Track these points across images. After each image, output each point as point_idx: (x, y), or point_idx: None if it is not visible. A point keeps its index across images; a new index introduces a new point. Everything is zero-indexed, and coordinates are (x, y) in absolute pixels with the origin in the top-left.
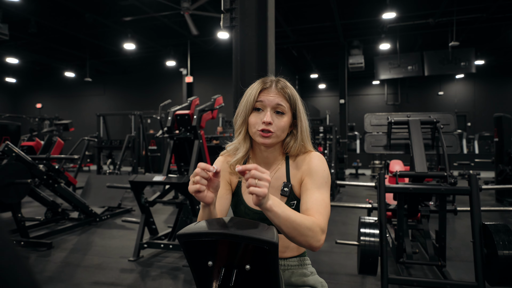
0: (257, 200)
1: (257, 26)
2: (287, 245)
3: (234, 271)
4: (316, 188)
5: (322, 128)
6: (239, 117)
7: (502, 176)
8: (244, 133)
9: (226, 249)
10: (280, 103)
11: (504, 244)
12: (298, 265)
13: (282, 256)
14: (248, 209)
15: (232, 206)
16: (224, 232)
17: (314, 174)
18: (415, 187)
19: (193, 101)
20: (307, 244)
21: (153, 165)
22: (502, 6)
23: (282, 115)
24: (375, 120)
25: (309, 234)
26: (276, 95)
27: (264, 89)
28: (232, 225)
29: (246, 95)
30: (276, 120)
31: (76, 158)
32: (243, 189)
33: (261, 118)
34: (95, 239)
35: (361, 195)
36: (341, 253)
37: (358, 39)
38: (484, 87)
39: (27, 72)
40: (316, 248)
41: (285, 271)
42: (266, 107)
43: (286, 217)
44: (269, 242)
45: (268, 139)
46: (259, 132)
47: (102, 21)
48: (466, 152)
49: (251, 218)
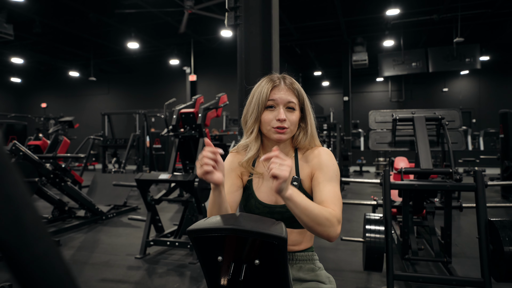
0: (278, 184)
1: (261, 24)
2: (296, 239)
3: (244, 266)
4: (328, 181)
5: (326, 126)
6: (250, 116)
7: (508, 172)
8: (256, 132)
9: (236, 244)
10: (291, 100)
11: (510, 240)
12: (306, 260)
13: (291, 250)
14: (258, 202)
15: (243, 200)
16: (234, 227)
17: (324, 168)
18: (421, 183)
19: (197, 99)
20: (325, 234)
21: (158, 163)
22: (508, 1)
23: (293, 110)
24: (380, 117)
25: (327, 224)
26: (286, 92)
27: (275, 87)
28: (241, 220)
29: (255, 94)
30: (288, 116)
31: (82, 157)
32: (255, 185)
33: (275, 116)
34: (102, 237)
35: (366, 192)
36: (347, 250)
37: (361, 36)
38: (489, 83)
39: (32, 72)
40: (333, 238)
41: (294, 265)
42: (279, 104)
43: (305, 206)
44: (278, 237)
45: (284, 134)
46: (274, 129)
47: (106, 21)
48: (471, 148)
49: (261, 212)
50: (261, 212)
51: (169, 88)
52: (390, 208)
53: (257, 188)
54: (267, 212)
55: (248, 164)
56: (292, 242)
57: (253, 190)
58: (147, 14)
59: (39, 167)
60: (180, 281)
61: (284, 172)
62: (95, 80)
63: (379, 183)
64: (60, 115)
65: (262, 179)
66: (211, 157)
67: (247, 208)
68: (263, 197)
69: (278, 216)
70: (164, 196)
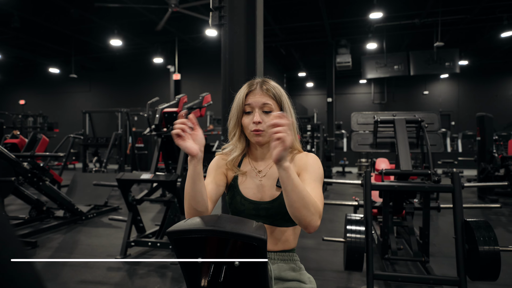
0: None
1: (246, 24)
2: (279, 237)
3: (224, 267)
4: (313, 180)
5: (310, 127)
6: (231, 120)
7: (484, 174)
8: (238, 135)
9: (216, 246)
10: (266, 102)
11: (484, 240)
12: (287, 259)
13: (273, 249)
14: (244, 199)
15: (229, 198)
16: (214, 229)
17: (310, 169)
18: (400, 184)
19: (181, 98)
20: (308, 220)
21: (140, 163)
22: (486, 8)
23: (270, 113)
24: (362, 119)
25: (311, 210)
26: (261, 95)
27: (250, 92)
28: (222, 222)
29: (235, 99)
30: (265, 119)
31: (62, 155)
32: (240, 182)
33: (252, 119)
34: (81, 237)
35: (348, 193)
36: (328, 250)
37: (345, 39)
38: (468, 87)
39: (10, 68)
40: (313, 228)
41: (274, 264)
42: (254, 108)
43: (298, 183)
44: (258, 239)
45: (262, 137)
46: (252, 133)
47: (88, 17)
48: (450, 150)
49: (246, 208)
50: (246, 208)
51: (152, 87)
52: (370, 209)
53: (242, 185)
54: (252, 209)
55: (233, 164)
56: (275, 241)
57: (238, 187)
58: (131, 11)
59: (16, 166)
60: (161, 282)
61: (290, 137)
62: (76, 77)
63: (360, 184)
64: (39, 113)
65: (247, 176)
66: (183, 122)
67: (232, 205)
68: (248, 193)
69: (263, 212)
70: (146, 196)
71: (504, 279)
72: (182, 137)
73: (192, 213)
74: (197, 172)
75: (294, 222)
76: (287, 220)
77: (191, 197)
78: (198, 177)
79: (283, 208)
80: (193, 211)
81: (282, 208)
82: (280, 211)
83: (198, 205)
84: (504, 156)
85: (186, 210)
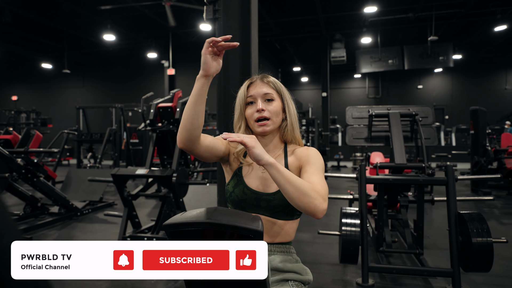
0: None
1: (240, 18)
2: (278, 230)
3: None
4: (315, 171)
5: (305, 121)
6: (235, 114)
7: (477, 167)
8: (244, 127)
9: (212, 238)
10: (267, 91)
11: (477, 232)
12: (285, 251)
13: (272, 241)
14: (247, 188)
15: (232, 186)
16: (210, 221)
17: (312, 161)
18: (395, 178)
19: (175, 93)
20: (312, 206)
21: (135, 158)
22: (479, 2)
23: (271, 101)
24: (357, 113)
25: (312, 195)
26: (262, 85)
27: (251, 84)
28: (218, 214)
29: (238, 95)
30: (268, 106)
31: (56, 151)
32: (244, 172)
33: (255, 110)
34: (77, 233)
35: (343, 186)
36: (323, 243)
37: (340, 33)
38: (462, 81)
39: (2, 64)
40: (320, 213)
41: (272, 255)
42: (257, 98)
43: (289, 175)
44: (254, 231)
45: (267, 126)
46: (257, 124)
47: (80, 11)
48: (443, 144)
49: (248, 198)
50: (248, 198)
51: (146, 82)
52: (365, 202)
53: (247, 175)
54: (254, 199)
55: (239, 155)
56: (273, 233)
57: (243, 176)
58: (124, 6)
59: (9, 162)
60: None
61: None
62: (69, 72)
63: (355, 177)
64: (32, 109)
65: (252, 168)
66: (217, 40)
67: (234, 193)
68: (251, 183)
69: (264, 203)
70: (141, 192)
71: (496, 270)
72: (211, 49)
73: (184, 135)
74: (202, 92)
75: (293, 216)
76: (287, 213)
77: (188, 117)
78: (201, 98)
79: (284, 201)
80: (186, 133)
81: (283, 201)
82: (281, 204)
83: (192, 128)
84: (497, 150)
85: (179, 132)
